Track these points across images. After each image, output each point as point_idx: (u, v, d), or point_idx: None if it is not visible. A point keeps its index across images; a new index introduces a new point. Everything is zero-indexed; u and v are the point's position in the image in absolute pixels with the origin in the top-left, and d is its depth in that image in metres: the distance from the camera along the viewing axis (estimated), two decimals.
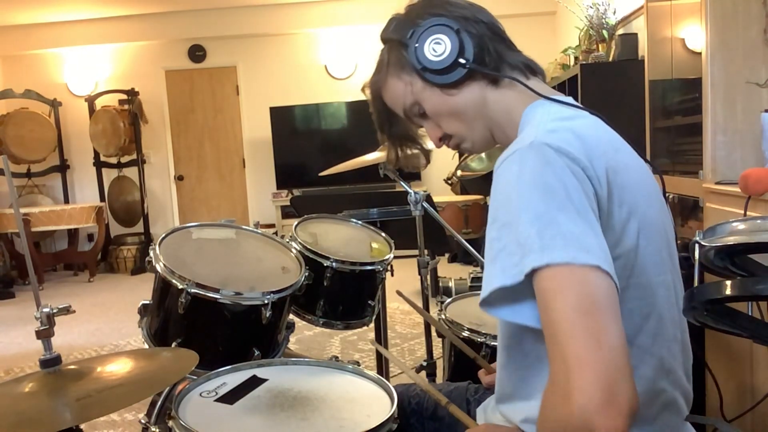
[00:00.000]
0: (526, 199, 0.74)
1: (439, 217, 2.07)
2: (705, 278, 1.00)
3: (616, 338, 0.66)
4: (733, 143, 2.11)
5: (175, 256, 1.42)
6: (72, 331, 4.15)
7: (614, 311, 0.68)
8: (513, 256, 0.73)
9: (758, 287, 0.83)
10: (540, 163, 0.76)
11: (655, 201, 0.88)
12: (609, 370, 0.64)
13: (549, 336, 0.69)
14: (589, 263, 0.69)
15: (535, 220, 0.72)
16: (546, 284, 0.70)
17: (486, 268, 0.78)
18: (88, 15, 6.37)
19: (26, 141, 6.15)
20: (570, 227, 0.71)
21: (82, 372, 1.02)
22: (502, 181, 0.79)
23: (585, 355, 0.65)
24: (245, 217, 6.93)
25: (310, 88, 6.70)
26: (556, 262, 0.69)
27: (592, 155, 0.79)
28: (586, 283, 0.68)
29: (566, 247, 0.70)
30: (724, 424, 0.85)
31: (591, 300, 0.67)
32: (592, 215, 0.74)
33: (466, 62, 0.91)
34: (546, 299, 0.69)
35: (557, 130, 0.81)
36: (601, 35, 4.16)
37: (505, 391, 0.95)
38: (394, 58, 0.97)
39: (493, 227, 0.78)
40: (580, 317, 0.66)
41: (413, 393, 1.20)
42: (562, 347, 0.66)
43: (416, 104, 0.98)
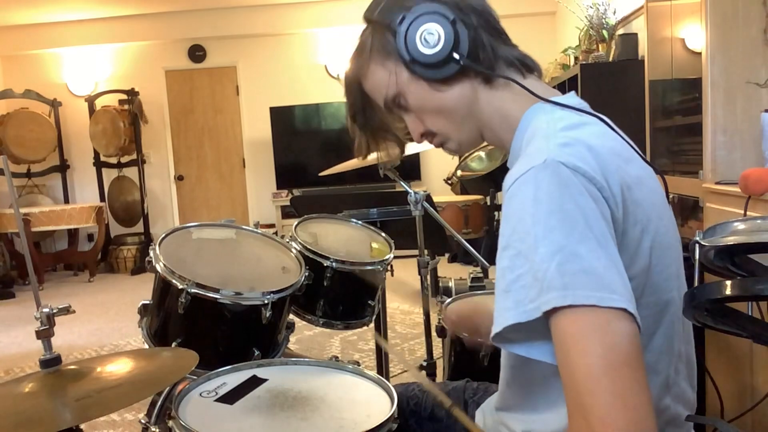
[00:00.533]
0: (543, 227, 0.68)
1: (439, 217, 2.07)
2: (705, 278, 1.00)
3: (641, 395, 0.62)
4: (733, 143, 2.11)
5: (175, 256, 1.42)
6: (72, 331, 4.15)
7: (639, 362, 0.64)
8: (528, 290, 0.68)
9: (758, 287, 0.82)
10: (556, 185, 0.70)
11: (665, 213, 0.85)
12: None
13: (568, 385, 0.64)
14: (614, 306, 0.64)
15: (555, 253, 0.66)
16: (567, 328, 0.65)
17: (498, 300, 0.72)
18: (88, 15, 6.37)
19: (26, 141, 6.15)
20: (592, 262, 0.66)
21: (82, 372, 1.02)
22: (516, 204, 0.72)
23: (609, 416, 0.61)
24: (245, 217, 6.93)
25: (310, 88, 6.69)
26: (580, 304, 0.64)
27: (607, 172, 0.74)
28: (611, 331, 0.63)
29: (590, 286, 0.64)
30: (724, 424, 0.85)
31: (615, 353, 0.63)
32: (612, 244, 0.69)
33: (460, 58, 0.83)
34: (566, 344, 0.65)
35: (570, 144, 0.75)
36: (601, 35, 4.16)
37: (507, 403, 0.93)
38: (378, 43, 0.88)
39: (506, 255, 0.72)
40: (604, 373, 0.62)
41: (412, 393, 1.19)
42: (584, 404, 0.62)
43: (400, 96, 0.89)
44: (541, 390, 0.85)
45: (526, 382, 0.87)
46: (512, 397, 0.92)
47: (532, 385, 0.86)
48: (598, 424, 0.61)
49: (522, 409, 0.90)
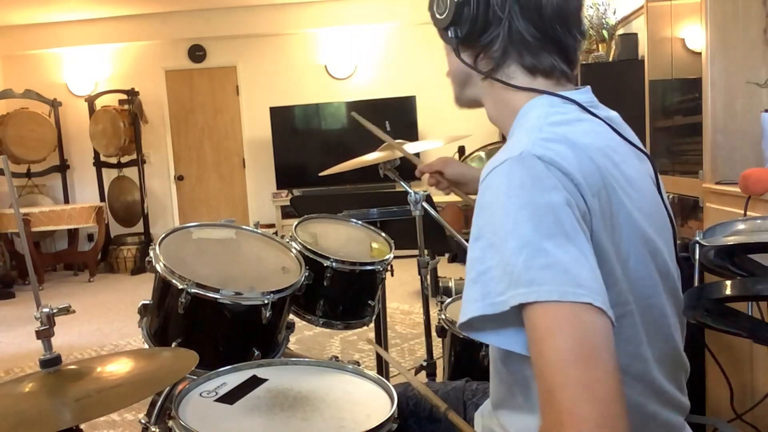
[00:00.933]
0: (513, 220, 0.69)
1: (439, 217, 2.07)
2: (705, 278, 1.00)
3: (611, 389, 0.62)
4: (733, 143, 2.11)
5: (175, 256, 1.42)
6: (72, 331, 4.15)
7: (608, 356, 0.63)
8: (498, 282, 0.69)
9: (758, 287, 0.82)
10: (529, 180, 0.71)
11: (656, 218, 0.84)
12: (604, 426, 0.60)
13: (540, 377, 0.65)
14: (580, 301, 0.64)
15: (522, 247, 0.67)
16: (536, 322, 0.65)
17: (466, 289, 0.73)
18: (88, 15, 6.37)
19: (26, 141, 6.15)
20: (559, 257, 0.66)
21: (82, 372, 1.02)
22: (488, 194, 0.74)
23: (578, 409, 0.60)
24: (245, 217, 6.93)
25: (310, 88, 6.69)
26: (544, 299, 0.64)
27: (587, 170, 0.74)
28: (578, 324, 0.63)
29: (555, 281, 0.65)
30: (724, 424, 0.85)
31: (583, 345, 0.63)
32: (583, 238, 0.69)
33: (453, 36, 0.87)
34: (536, 339, 0.65)
35: (552, 140, 0.75)
36: (601, 35, 4.16)
37: (496, 398, 0.94)
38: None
39: (477, 245, 0.73)
40: (573, 366, 0.62)
41: (411, 393, 1.19)
42: (554, 397, 0.62)
43: None
44: (521, 391, 0.85)
45: (507, 379, 0.88)
46: (498, 392, 0.92)
47: (514, 385, 0.86)
48: (567, 416, 0.61)
49: (508, 406, 0.90)
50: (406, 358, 3.29)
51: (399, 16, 6.30)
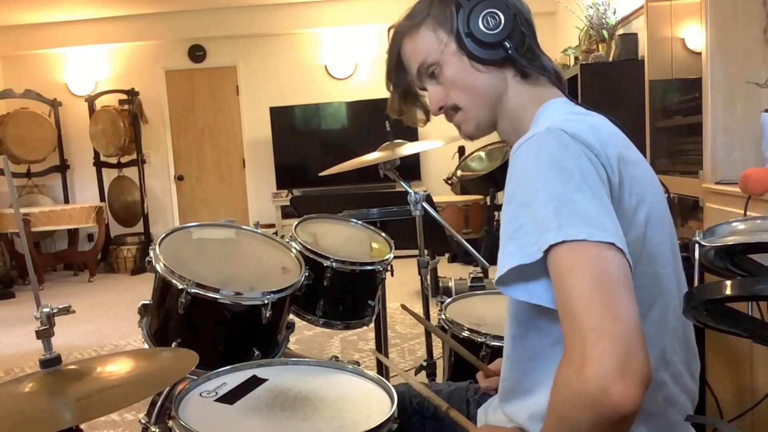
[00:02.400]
0: (543, 179, 0.75)
1: (439, 217, 2.07)
2: (705, 278, 1.00)
3: (630, 311, 0.67)
4: (733, 143, 2.11)
5: (175, 256, 1.42)
6: (72, 331, 4.15)
7: (628, 286, 0.69)
8: (530, 235, 0.75)
9: (758, 287, 0.82)
10: (557, 146, 0.78)
11: (661, 198, 0.90)
12: (624, 340, 0.65)
13: (564, 311, 0.70)
14: (604, 240, 0.70)
15: (552, 200, 0.73)
16: (562, 260, 0.71)
17: (502, 247, 0.79)
18: (88, 15, 6.37)
19: (26, 141, 6.15)
20: (586, 206, 0.72)
21: (82, 372, 1.02)
22: (519, 163, 0.80)
23: (601, 326, 0.66)
24: (245, 217, 6.93)
25: (310, 88, 6.69)
26: (572, 239, 0.70)
27: (605, 145, 0.81)
28: (602, 258, 0.69)
29: (582, 225, 0.71)
30: (724, 424, 0.85)
31: (606, 275, 0.68)
32: (606, 197, 0.76)
33: (509, 47, 0.92)
34: (561, 274, 0.70)
35: (573, 120, 0.84)
36: (601, 35, 4.16)
37: (506, 385, 0.95)
38: (437, 10, 0.96)
39: (510, 207, 0.79)
40: (596, 291, 0.67)
41: (415, 393, 1.20)
42: (578, 320, 0.67)
43: (436, 65, 0.97)
44: (539, 365, 0.87)
45: (526, 353, 0.89)
46: (511, 375, 0.93)
47: (532, 359, 0.88)
48: (590, 333, 0.66)
49: (521, 390, 0.91)
50: (406, 358, 3.29)
51: (399, 16, 6.30)
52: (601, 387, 0.64)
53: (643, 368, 0.65)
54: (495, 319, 1.59)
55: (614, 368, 0.64)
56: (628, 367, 0.64)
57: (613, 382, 0.64)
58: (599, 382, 0.64)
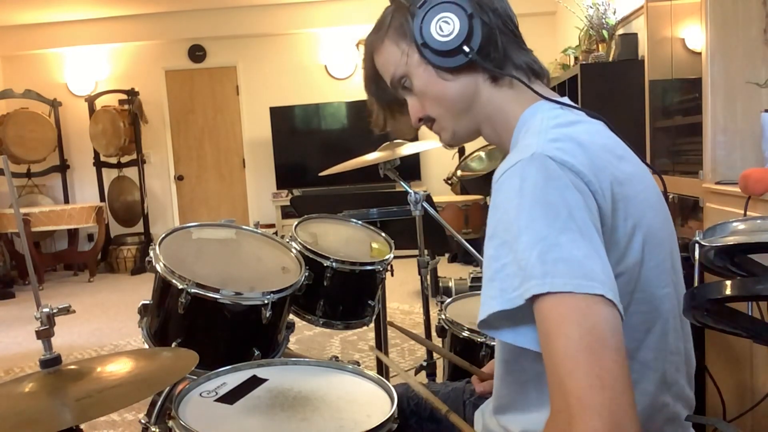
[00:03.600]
0: (527, 218, 0.70)
1: (439, 217, 2.07)
2: (705, 278, 1.00)
3: (620, 377, 0.63)
4: (733, 143, 2.11)
5: (175, 256, 1.42)
6: (72, 331, 4.15)
7: (618, 344, 0.65)
8: (513, 278, 0.70)
9: (758, 287, 0.82)
10: (542, 177, 0.72)
11: (660, 209, 0.85)
12: (612, 413, 0.61)
13: (549, 368, 0.66)
14: (592, 292, 0.65)
15: (536, 242, 0.68)
16: (547, 314, 0.66)
17: (484, 288, 0.75)
18: (88, 15, 6.37)
19: (26, 141, 6.15)
20: (572, 251, 0.67)
21: (82, 372, 1.02)
22: (502, 195, 0.75)
23: (587, 397, 0.61)
24: (245, 217, 6.93)
25: (310, 88, 6.69)
26: (558, 290, 0.65)
27: (596, 167, 0.75)
28: (589, 315, 0.65)
29: (568, 274, 0.66)
30: (725, 424, 0.85)
31: (594, 335, 0.64)
32: (595, 235, 0.71)
33: (469, 51, 0.85)
34: (547, 329, 0.66)
35: (559, 139, 0.77)
36: (601, 35, 4.16)
37: (502, 402, 0.93)
38: (397, 22, 0.90)
39: (491, 244, 0.74)
40: (583, 354, 0.63)
41: (412, 393, 1.19)
42: (564, 385, 0.63)
43: (405, 77, 0.92)
44: (534, 387, 0.85)
45: (518, 378, 0.88)
46: (506, 394, 0.92)
47: (525, 383, 0.86)
48: (576, 404, 0.62)
49: (517, 407, 0.90)
50: (406, 358, 3.29)
51: None
52: None
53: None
54: None
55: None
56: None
57: None
58: None
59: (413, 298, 4.47)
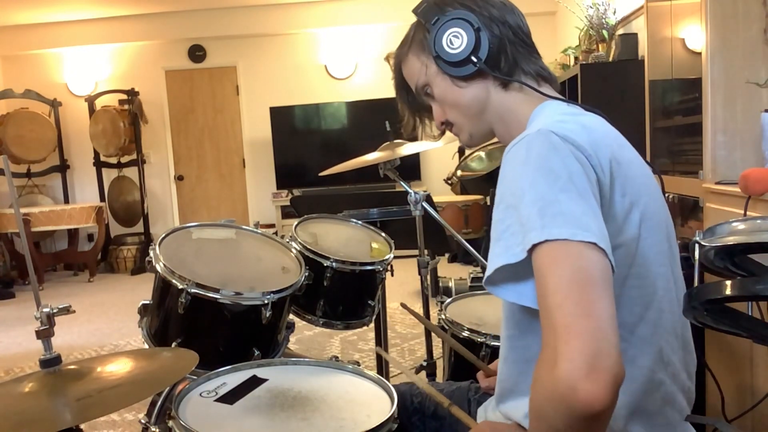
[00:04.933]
0: (530, 181, 0.76)
1: (439, 217, 2.07)
2: (705, 278, 1.00)
3: (605, 310, 0.67)
4: (733, 143, 2.11)
5: (175, 256, 1.42)
6: (72, 331, 4.15)
7: (606, 286, 0.69)
8: (516, 235, 0.75)
9: (758, 287, 0.82)
10: (546, 148, 0.79)
11: (657, 198, 0.90)
12: (595, 338, 0.65)
13: (542, 308, 0.70)
14: (586, 240, 0.70)
15: (537, 200, 0.74)
16: (543, 259, 0.71)
17: (491, 248, 0.80)
18: (88, 15, 6.37)
19: (26, 141, 6.15)
20: (570, 207, 0.73)
21: (82, 372, 1.02)
22: (509, 165, 0.82)
23: (573, 323, 0.66)
24: (245, 217, 6.93)
25: (310, 88, 6.69)
26: (554, 238, 0.71)
27: (597, 146, 0.82)
28: (581, 257, 0.70)
29: (565, 225, 0.71)
30: (724, 424, 0.85)
31: (584, 273, 0.69)
32: (593, 199, 0.76)
33: (477, 61, 0.95)
34: (542, 273, 0.71)
35: (565, 121, 0.85)
36: (601, 35, 4.16)
37: (505, 386, 0.95)
38: (417, 37, 1.02)
39: (499, 208, 0.81)
40: (571, 289, 0.68)
41: (416, 392, 1.20)
42: (553, 317, 0.68)
43: (427, 85, 1.03)
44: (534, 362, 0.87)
45: (523, 354, 0.90)
46: (509, 376, 0.93)
47: (529, 360, 0.87)
48: (563, 331, 0.66)
49: (519, 391, 0.91)
50: (406, 358, 3.29)
51: (399, 16, 6.29)
52: (570, 385, 0.64)
53: (613, 367, 0.64)
54: (495, 319, 1.59)
55: (582, 366, 0.64)
56: (597, 365, 0.64)
57: (581, 380, 0.63)
58: (568, 380, 0.64)
59: (413, 298, 4.47)
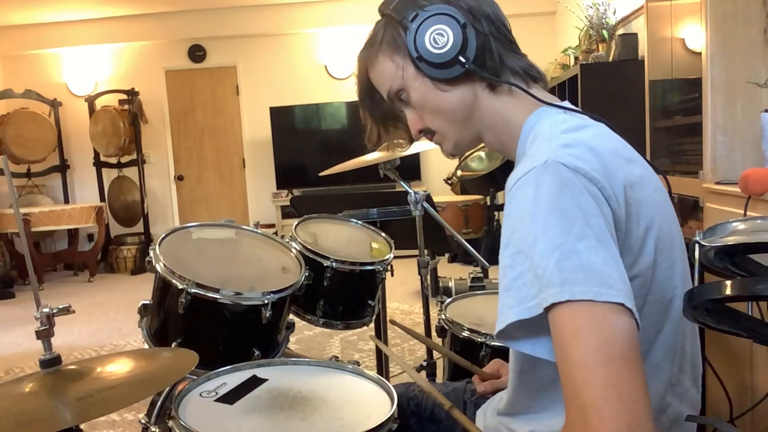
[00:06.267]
0: (543, 225, 0.69)
1: (439, 217, 2.07)
2: (705, 278, 1.00)
3: (637, 388, 0.62)
4: (733, 143, 2.10)
5: (175, 256, 1.42)
6: (72, 331, 4.15)
7: (635, 355, 0.64)
8: (530, 287, 0.69)
9: (758, 287, 0.82)
10: (556, 185, 0.71)
11: (668, 211, 0.86)
12: (630, 425, 0.60)
13: (565, 378, 0.65)
14: (611, 300, 0.64)
15: (553, 249, 0.67)
16: (565, 323, 0.65)
17: (501, 298, 0.74)
18: (88, 15, 6.37)
19: (26, 141, 6.15)
20: (590, 258, 0.67)
21: (82, 372, 1.02)
22: (517, 203, 0.74)
23: (604, 407, 0.61)
24: (245, 217, 6.93)
25: (310, 88, 6.70)
26: (577, 299, 0.64)
27: (609, 173, 0.75)
28: (607, 325, 0.64)
29: (588, 282, 0.65)
30: (725, 424, 0.85)
31: (612, 345, 0.63)
32: (611, 241, 0.70)
33: (465, 61, 0.84)
34: (563, 339, 0.65)
35: (572, 145, 0.77)
36: (601, 35, 4.16)
37: (514, 409, 0.93)
38: (389, 36, 0.90)
39: (506, 253, 0.74)
40: (600, 365, 0.62)
41: (412, 394, 1.20)
42: (580, 396, 0.62)
43: (403, 90, 0.92)
44: (549, 393, 0.85)
45: (534, 385, 0.87)
46: (519, 402, 0.91)
47: (540, 390, 0.86)
48: (593, 415, 0.61)
49: (528, 412, 0.90)
50: (406, 358, 3.29)
51: None
52: None
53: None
54: (495, 319, 1.58)
55: None
56: None
57: None
58: None
59: (413, 298, 4.47)
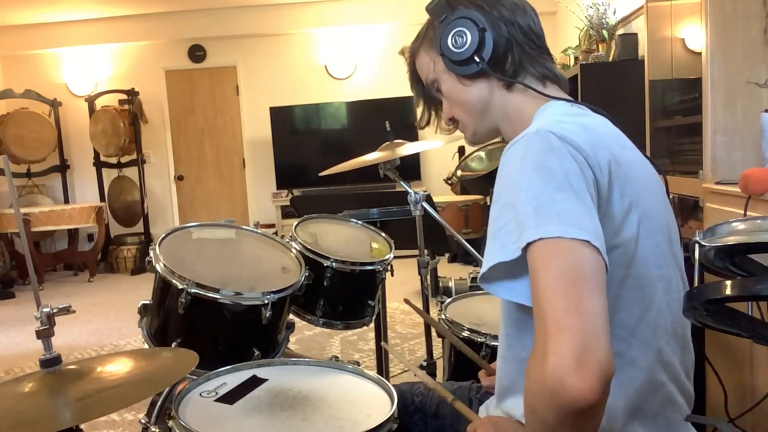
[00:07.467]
0: (527, 179, 0.77)
1: (439, 217, 2.07)
2: (705, 278, 1.00)
3: (595, 306, 0.68)
4: (733, 143, 2.11)
5: (175, 256, 1.42)
6: (72, 331, 4.15)
7: (598, 283, 0.70)
8: (512, 233, 0.76)
9: (758, 287, 0.82)
10: (543, 147, 0.79)
11: (659, 198, 0.90)
12: (583, 333, 0.66)
13: (534, 304, 0.71)
14: (579, 237, 0.71)
15: (533, 198, 0.75)
16: (536, 256, 0.72)
17: (487, 246, 0.81)
18: (88, 15, 6.37)
19: (26, 141, 6.15)
20: (566, 206, 0.74)
21: (82, 372, 1.02)
22: (507, 163, 0.83)
23: (561, 318, 0.67)
24: (245, 217, 6.93)
25: (310, 88, 6.69)
26: (548, 236, 0.72)
27: (596, 146, 0.82)
28: (574, 255, 0.70)
29: (559, 223, 0.72)
30: (725, 424, 0.85)
31: (575, 270, 0.70)
32: (589, 199, 0.76)
33: (480, 61, 0.95)
34: (535, 270, 0.72)
35: (564, 121, 0.85)
36: (601, 35, 4.16)
37: (503, 384, 0.96)
38: (429, 33, 1.03)
39: (496, 206, 0.81)
40: (563, 285, 0.69)
41: (417, 391, 1.21)
42: (544, 312, 0.69)
43: (436, 81, 1.04)
44: None
45: (520, 354, 0.90)
46: (507, 374, 0.94)
47: (525, 360, 0.87)
48: (553, 326, 0.67)
49: (517, 388, 0.91)
50: (406, 358, 3.29)
51: (399, 16, 6.30)
52: (557, 379, 0.65)
53: (602, 362, 0.65)
54: (495, 319, 1.59)
55: (570, 360, 0.64)
56: (584, 359, 0.64)
57: (568, 374, 0.64)
58: (555, 374, 0.65)
59: (413, 298, 4.46)
